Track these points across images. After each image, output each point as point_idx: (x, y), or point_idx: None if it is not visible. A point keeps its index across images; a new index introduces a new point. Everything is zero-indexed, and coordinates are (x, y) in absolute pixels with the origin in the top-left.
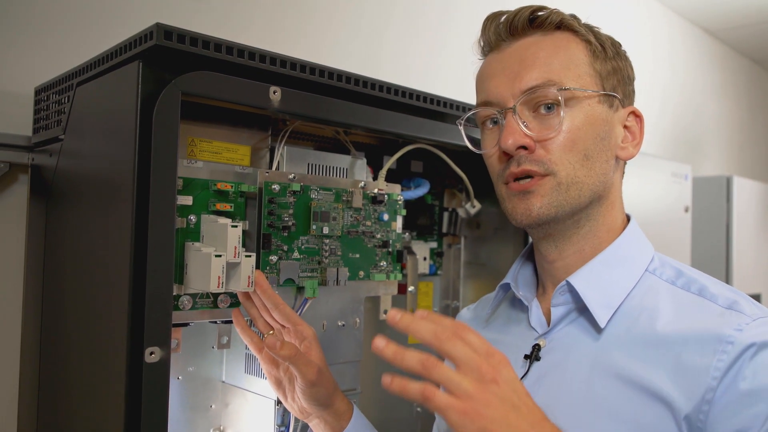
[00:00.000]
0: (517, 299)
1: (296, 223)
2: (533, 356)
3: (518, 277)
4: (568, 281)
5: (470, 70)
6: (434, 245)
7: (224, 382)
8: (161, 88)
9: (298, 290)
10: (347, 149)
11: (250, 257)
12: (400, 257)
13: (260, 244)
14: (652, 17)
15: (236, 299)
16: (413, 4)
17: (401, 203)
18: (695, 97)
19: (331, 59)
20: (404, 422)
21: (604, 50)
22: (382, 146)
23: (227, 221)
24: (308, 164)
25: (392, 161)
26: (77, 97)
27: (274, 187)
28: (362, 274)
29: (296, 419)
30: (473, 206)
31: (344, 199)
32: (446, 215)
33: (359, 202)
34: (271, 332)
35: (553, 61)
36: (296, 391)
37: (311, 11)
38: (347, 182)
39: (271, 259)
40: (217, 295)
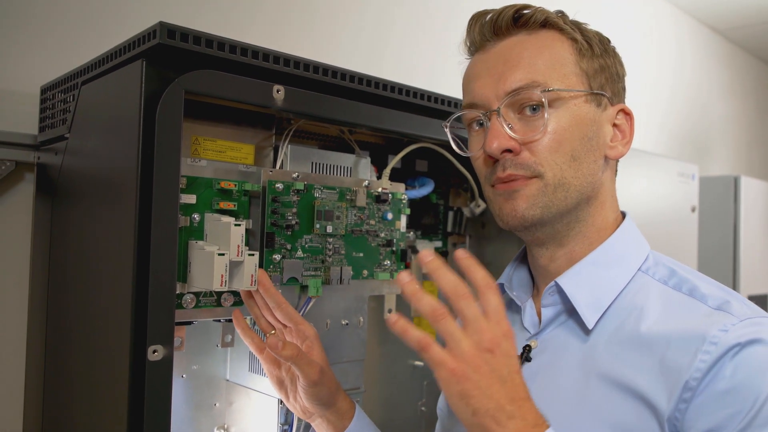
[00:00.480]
0: (511, 300)
1: (300, 221)
2: (524, 357)
3: (513, 278)
4: (556, 282)
5: None
6: (439, 244)
7: (228, 380)
8: (165, 86)
9: (301, 289)
10: (351, 148)
11: (253, 256)
12: (404, 256)
13: (264, 242)
14: (658, 16)
15: (239, 298)
16: (418, 2)
17: (405, 202)
18: (702, 96)
19: (335, 58)
20: (408, 421)
21: (591, 48)
22: (386, 145)
23: (231, 220)
24: (312, 163)
25: (396, 160)
26: (82, 95)
27: (277, 185)
28: (366, 273)
29: (299, 418)
30: (478, 205)
31: (348, 198)
32: (451, 214)
33: (363, 201)
34: (272, 332)
35: (537, 61)
36: (298, 390)
37: (315, 10)
38: (351, 181)
39: (274, 257)
40: (220, 293)
